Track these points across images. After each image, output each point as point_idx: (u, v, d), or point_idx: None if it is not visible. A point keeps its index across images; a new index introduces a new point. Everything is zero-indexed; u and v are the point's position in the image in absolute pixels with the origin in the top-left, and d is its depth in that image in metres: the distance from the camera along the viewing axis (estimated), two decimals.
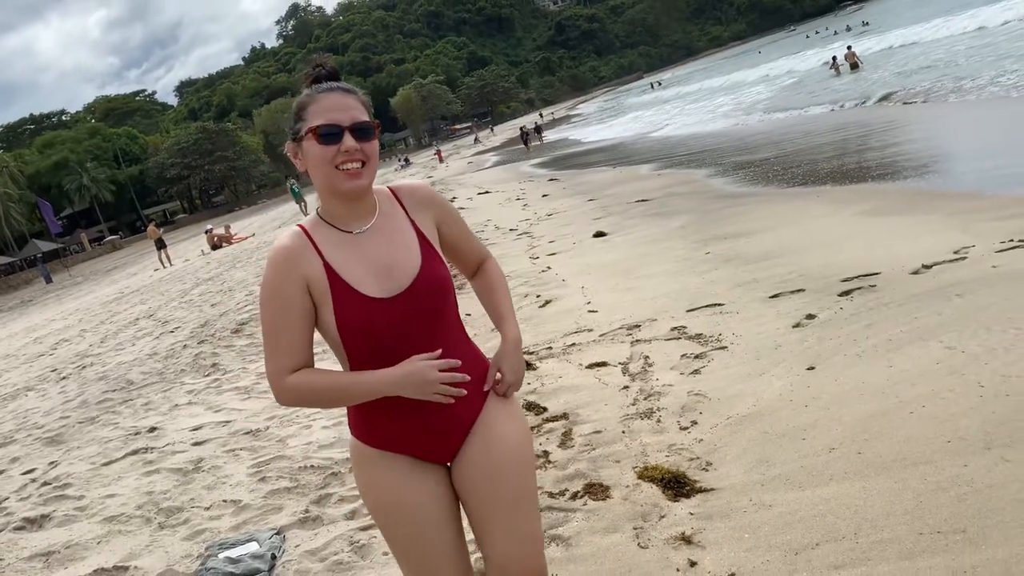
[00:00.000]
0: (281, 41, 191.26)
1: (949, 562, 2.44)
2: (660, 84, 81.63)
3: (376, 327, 1.77)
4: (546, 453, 3.96)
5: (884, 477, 3.01)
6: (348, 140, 1.78)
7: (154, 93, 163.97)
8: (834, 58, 31.28)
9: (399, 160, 73.51)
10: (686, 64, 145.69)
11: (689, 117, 33.74)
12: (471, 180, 29.62)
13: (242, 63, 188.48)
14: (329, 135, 1.78)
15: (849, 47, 31.96)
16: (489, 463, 1.89)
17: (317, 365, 1.87)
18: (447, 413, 1.86)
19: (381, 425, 1.87)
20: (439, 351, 1.81)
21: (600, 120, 57.24)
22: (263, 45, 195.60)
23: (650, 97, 65.39)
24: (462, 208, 17.09)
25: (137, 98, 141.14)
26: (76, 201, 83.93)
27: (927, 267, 5.45)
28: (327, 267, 1.79)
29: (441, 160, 56.70)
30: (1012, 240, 5.55)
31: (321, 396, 1.81)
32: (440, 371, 1.78)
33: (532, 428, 4.24)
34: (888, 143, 12.52)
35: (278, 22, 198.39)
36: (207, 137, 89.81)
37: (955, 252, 5.62)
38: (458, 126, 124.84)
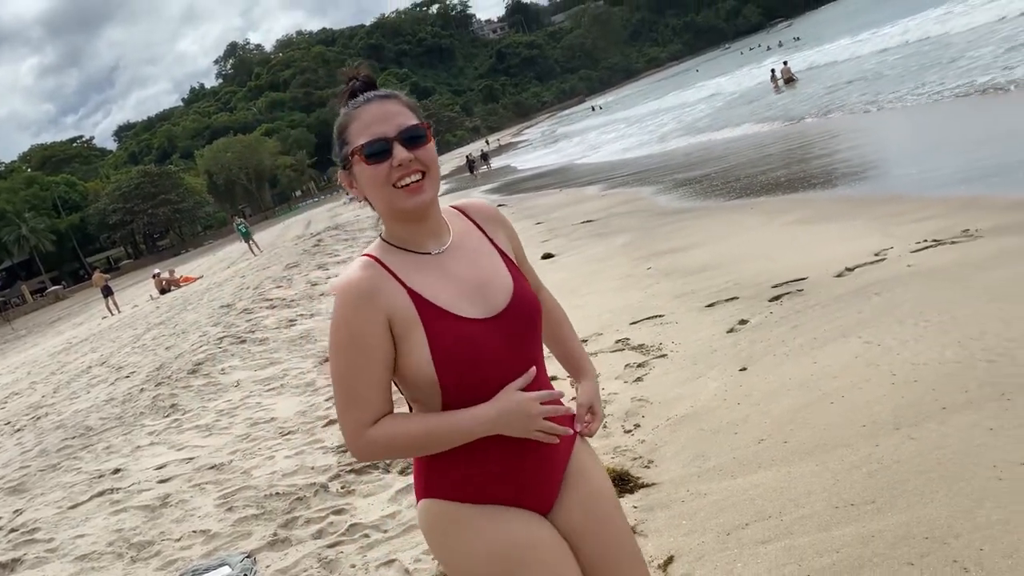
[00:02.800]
0: (221, 80, 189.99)
1: (859, 529, 2.74)
2: (601, 107, 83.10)
3: (479, 352, 1.56)
4: None
5: (806, 461, 3.31)
6: (399, 151, 1.57)
7: (92, 139, 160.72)
8: (773, 71, 32.31)
9: (347, 194, 73.27)
10: (626, 86, 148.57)
11: (632, 138, 34.48)
12: None
13: (182, 104, 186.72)
14: (377, 152, 1.58)
15: (785, 62, 33.04)
16: (595, 517, 1.72)
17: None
18: (545, 455, 1.66)
19: (476, 476, 1.62)
20: (531, 375, 1.62)
21: (545, 144, 58.01)
22: (202, 85, 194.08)
23: (593, 120, 66.53)
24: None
25: (74, 144, 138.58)
26: (15, 253, 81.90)
27: (850, 269, 5.84)
28: (412, 293, 1.57)
29: None
30: (926, 240, 5.98)
31: (410, 444, 1.59)
32: (542, 404, 1.59)
33: None
34: (819, 154, 13.11)
35: (216, 61, 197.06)
36: (149, 180, 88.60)
37: (875, 254, 6.02)
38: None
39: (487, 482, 1.63)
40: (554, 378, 1.77)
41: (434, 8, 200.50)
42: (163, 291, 29.17)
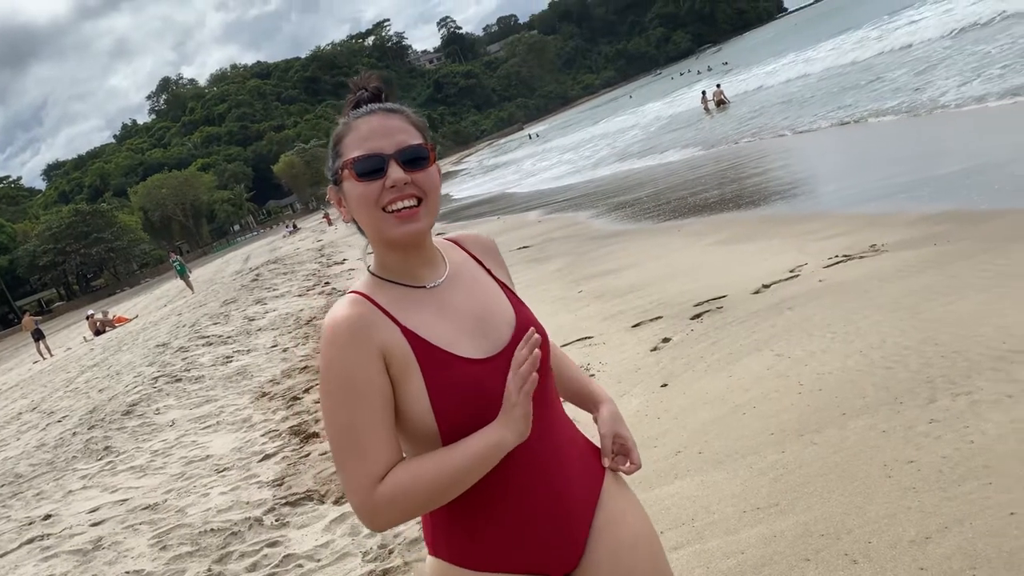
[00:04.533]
0: (154, 116, 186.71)
1: (763, 531, 2.92)
2: (538, 135, 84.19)
3: (484, 396, 1.38)
4: None
5: (719, 470, 3.49)
6: (395, 171, 1.40)
7: (20, 179, 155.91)
8: (704, 93, 33.22)
9: (286, 227, 72.60)
10: (563, 113, 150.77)
11: (568, 165, 35.02)
12: (361, 241, 29.68)
13: (114, 141, 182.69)
14: (370, 169, 1.41)
15: (718, 85, 34.04)
16: (625, 573, 1.50)
17: None
18: (564, 510, 1.47)
19: (486, 538, 1.44)
20: (534, 339, 1.40)
21: (484, 172, 58.48)
22: (135, 121, 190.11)
23: (530, 148, 67.32)
24: (352, 270, 17.30)
25: (1, 185, 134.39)
26: None
27: (766, 286, 6.12)
28: (407, 332, 1.40)
29: (330, 223, 56.42)
30: (837, 256, 6.30)
31: (430, 490, 1.35)
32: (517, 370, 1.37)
33: None
34: (743, 176, 13.58)
35: (149, 97, 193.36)
36: (81, 219, 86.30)
37: (790, 270, 6.32)
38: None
39: (498, 545, 1.43)
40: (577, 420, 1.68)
41: (370, 40, 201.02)
42: (97, 332, 28.44)
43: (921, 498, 2.77)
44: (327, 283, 15.90)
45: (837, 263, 6.10)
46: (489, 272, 1.59)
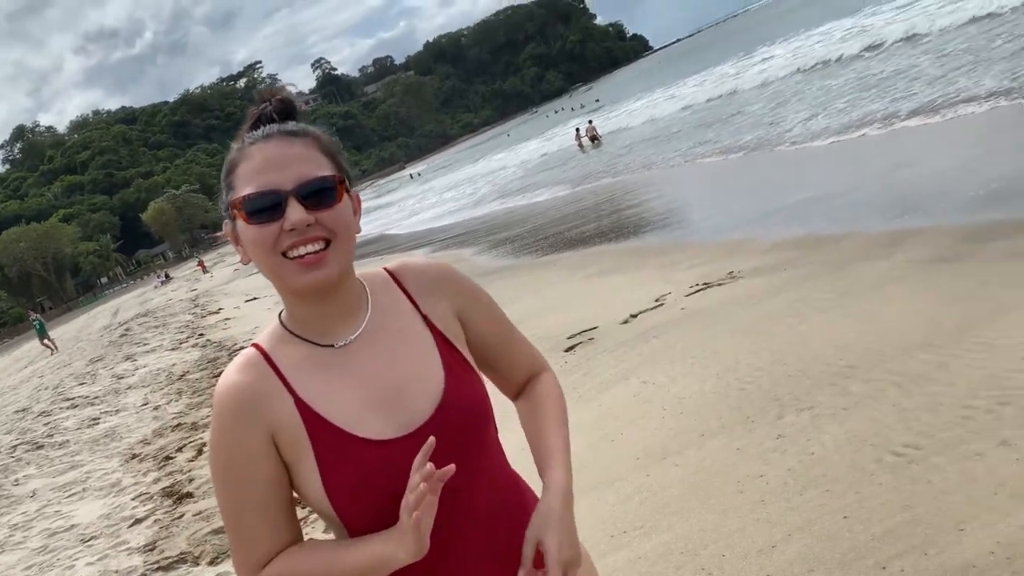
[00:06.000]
0: (8, 166, 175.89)
1: (629, 553, 3.05)
2: (419, 174, 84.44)
3: (388, 483, 1.17)
4: None
5: (589, 497, 3.61)
6: (294, 211, 1.16)
7: None
8: (577, 129, 34.29)
9: (158, 277, 69.51)
10: (444, 152, 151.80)
11: (451, 203, 35.29)
12: (238, 288, 28.85)
13: None
14: (263, 209, 1.17)
15: (590, 121, 35.21)
16: None
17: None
18: None
19: None
20: (447, 471, 1.12)
21: (366, 213, 57.88)
22: None
23: (412, 187, 67.38)
24: (229, 319, 16.77)
25: None
26: None
27: (634, 316, 6.38)
28: (300, 405, 1.21)
29: (205, 271, 54.49)
30: (698, 284, 6.64)
31: None
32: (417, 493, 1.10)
33: None
34: (616, 209, 14.10)
35: (2, 146, 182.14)
36: None
37: (656, 300, 6.61)
38: (219, 233, 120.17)
39: None
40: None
41: (242, 82, 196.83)
42: None
43: (769, 509, 2.97)
44: (201, 334, 15.35)
45: (698, 291, 6.44)
46: (424, 317, 1.31)
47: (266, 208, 1.17)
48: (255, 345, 1.27)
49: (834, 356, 4.11)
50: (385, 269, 1.36)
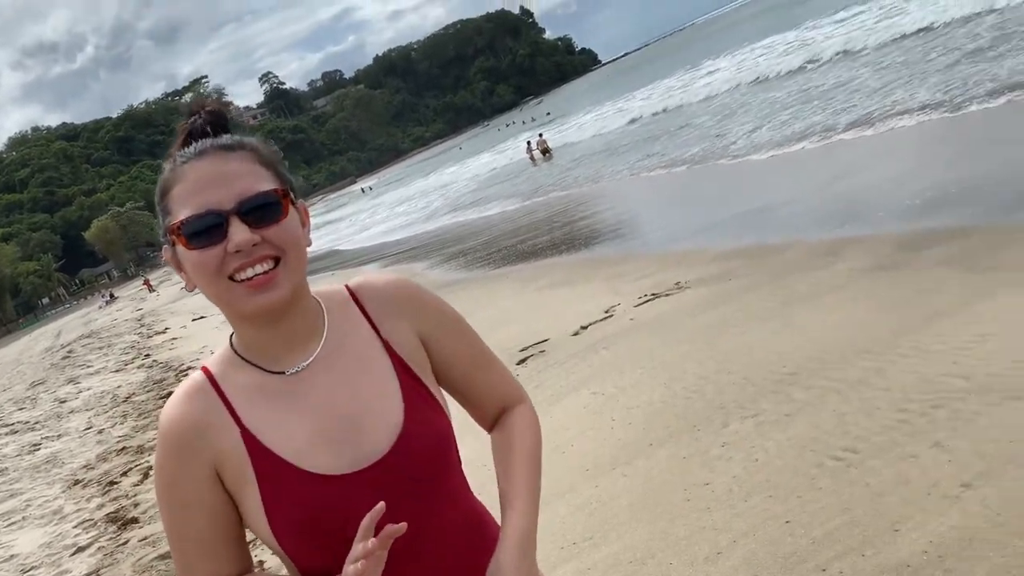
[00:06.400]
0: None
1: (578, 565, 3.07)
2: (371, 188, 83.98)
3: (338, 522, 1.11)
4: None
5: (541, 511, 3.60)
6: (238, 231, 1.09)
7: None
8: (529, 143, 34.45)
9: (102, 297, 67.83)
10: (396, 165, 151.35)
11: (404, 217, 35.14)
12: (185, 306, 28.31)
13: None
14: (204, 231, 1.10)
15: (540, 135, 35.40)
16: None
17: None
18: None
19: None
20: (398, 529, 1.06)
21: (317, 228, 57.55)
22: None
23: (364, 202, 66.99)
24: (176, 339, 16.45)
25: None
26: None
27: (584, 327, 6.43)
28: (246, 435, 1.14)
29: (151, 289, 53.40)
30: (646, 295, 6.73)
31: None
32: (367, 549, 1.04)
33: None
34: (569, 221, 14.20)
35: None
36: None
37: (605, 311, 6.68)
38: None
39: None
40: None
41: (187, 97, 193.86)
42: None
43: (714, 517, 3.02)
44: (148, 355, 15.03)
45: (646, 302, 6.52)
46: (384, 341, 1.22)
47: (207, 230, 1.10)
48: (204, 369, 1.21)
49: (777, 364, 4.20)
50: (346, 287, 1.27)
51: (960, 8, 16.29)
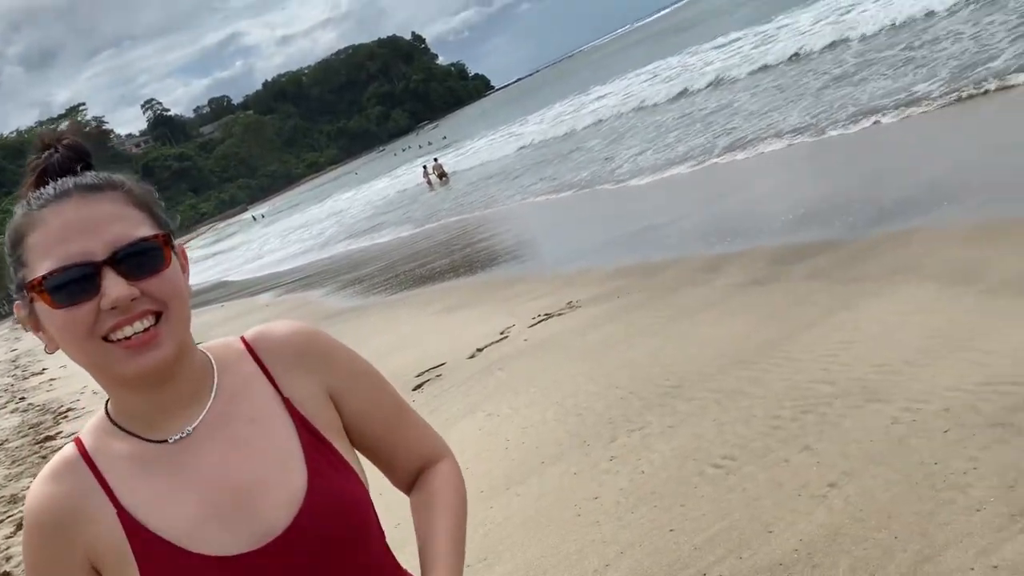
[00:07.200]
0: None
1: None
2: (263, 216, 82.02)
3: None
4: None
5: None
6: (113, 285, 0.95)
7: None
8: (425, 167, 34.45)
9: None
10: (289, 192, 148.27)
11: (298, 244, 34.45)
12: None
13: None
14: (69, 286, 0.95)
15: (435, 159, 35.46)
16: None
17: None
18: None
19: None
20: None
21: (204, 259, 55.71)
22: None
23: (256, 229, 65.34)
24: (54, 379, 15.55)
25: None
26: None
27: (480, 350, 6.48)
28: (123, 516, 1.01)
29: (26, 329, 50.17)
30: (540, 316, 6.84)
31: None
32: None
33: None
34: (466, 244, 14.28)
35: None
36: None
37: (501, 333, 6.75)
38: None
39: None
40: None
41: (64, 125, 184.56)
42: None
43: (603, 530, 3.10)
44: (23, 398, 14.16)
45: (540, 322, 6.64)
46: (286, 403, 1.08)
47: (75, 284, 0.95)
48: (77, 441, 1.06)
49: (662, 378, 4.36)
50: (242, 339, 1.13)
51: (822, 37, 17.44)
